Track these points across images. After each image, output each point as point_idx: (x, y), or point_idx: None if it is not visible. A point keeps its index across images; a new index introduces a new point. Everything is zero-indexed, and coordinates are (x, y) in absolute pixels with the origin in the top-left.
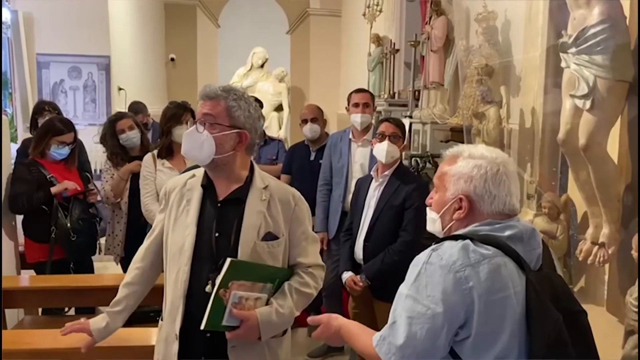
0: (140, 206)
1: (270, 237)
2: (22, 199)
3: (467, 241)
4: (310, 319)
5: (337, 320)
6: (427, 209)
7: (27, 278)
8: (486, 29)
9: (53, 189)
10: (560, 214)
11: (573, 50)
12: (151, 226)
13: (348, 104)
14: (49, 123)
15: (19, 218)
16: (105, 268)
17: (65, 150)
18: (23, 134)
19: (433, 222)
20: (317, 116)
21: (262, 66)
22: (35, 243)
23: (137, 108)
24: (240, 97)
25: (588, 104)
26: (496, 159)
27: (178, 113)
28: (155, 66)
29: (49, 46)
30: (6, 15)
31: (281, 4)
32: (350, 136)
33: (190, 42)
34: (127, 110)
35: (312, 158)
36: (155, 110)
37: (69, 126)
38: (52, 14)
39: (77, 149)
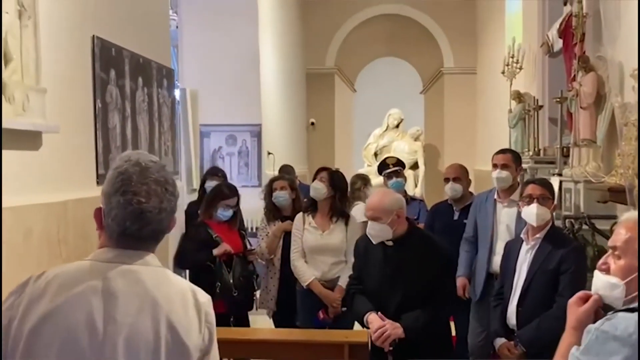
0: None
1: None
2: (187, 256)
3: None
4: None
5: None
6: (597, 272)
7: None
8: None
9: (215, 251)
10: None
11: None
12: (298, 282)
13: None
14: (217, 188)
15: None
16: (255, 321)
17: (229, 212)
18: (187, 196)
19: (613, 288)
20: (460, 175)
21: (397, 126)
22: None
23: (287, 170)
24: (121, 170)
25: None
26: None
27: (321, 169)
28: (298, 130)
29: (210, 117)
30: (177, 93)
31: (415, 66)
32: (496, 196)
33: (329, 106)
34: (277, 173)
35: (455, 217)
36: (297, 170)
37: (233, 191)
38: (214, 90)
39: (239, 211)
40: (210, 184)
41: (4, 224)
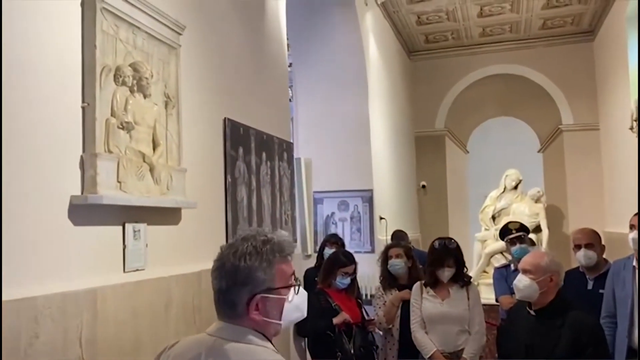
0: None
1: None
2: (307, 324)
3: None
4: None
5: None
6: None
7: None
8: None
9: (335, 320)
10: None
11: None
12: (420, 354)
13: None
14: (335, 256)
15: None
16: None
17: (347, 280)
18: (302, 261)
19: None
20: (593, 241)
21: (515, 187)
22: None
23: (399, 236)
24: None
25: None
26: None
27: (441, 258)
28: (409, 194)
29: (322, 184)
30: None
31: (530, 124)
32: (634, 263)
33: (440, 169)
34: (390, 239)
35: (589, 287)
36: (410, 235)
37: (351, 259)
38: (326, 158)
39: (356, 279)
40: (329, 251)
41: (150, 294)
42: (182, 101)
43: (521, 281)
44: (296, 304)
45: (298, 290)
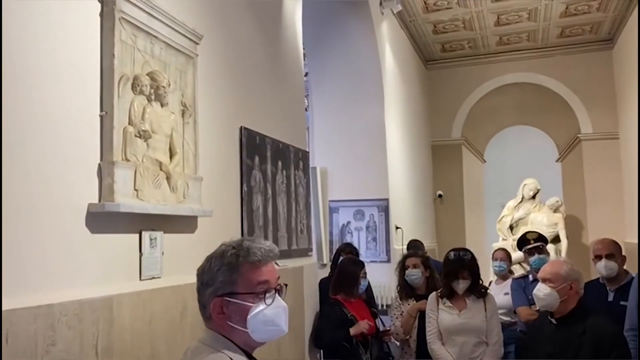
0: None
1: None
2: (324, 335)
3: None
4: None
5: None
6: None
7: None
8: None
9: (352, 330)
10: None
11: None
12: None
13: None
14: (349, 268)
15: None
16: None
17: (366, 281)
18: (318, 271)
19: None
20: (614, 252)
21: (533, 197)
22: None
23: (415, 245)
24: None
25: None
26: None
27: (456, 270)
28: (425, 203)
29: (338, 193)
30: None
31: (548, 133)
32: None
33: (456, 178)
34: (406, 248)
35: (610, 299)
36: (426, 245)
37: (360, 262)
38: (342, 167)
39: (371, 288)
40: None
41: (166, 301)
42: (198, 110)
43: (541, 290)
44: (269, 315)
45: (271, 301)
